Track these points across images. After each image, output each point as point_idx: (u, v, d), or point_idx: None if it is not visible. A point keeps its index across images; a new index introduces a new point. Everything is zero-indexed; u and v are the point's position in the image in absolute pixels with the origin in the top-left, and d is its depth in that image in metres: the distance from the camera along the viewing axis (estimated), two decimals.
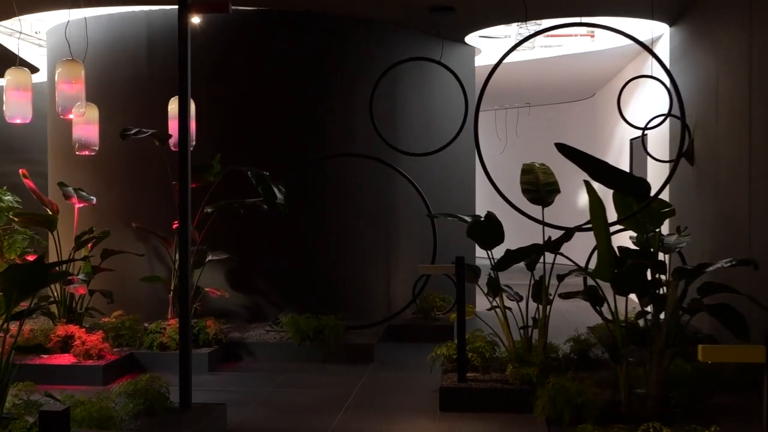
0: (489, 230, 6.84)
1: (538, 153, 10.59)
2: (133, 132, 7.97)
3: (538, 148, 13.87)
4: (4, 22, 11.43)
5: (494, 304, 7.00)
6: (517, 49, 13.53)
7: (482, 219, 6.92)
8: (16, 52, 8.88)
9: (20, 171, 8.24)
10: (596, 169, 5.39)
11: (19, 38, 12.19)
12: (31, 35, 12.30)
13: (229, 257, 9.03)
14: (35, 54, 12.88)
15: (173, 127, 8.27)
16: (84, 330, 7.83)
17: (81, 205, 8.57)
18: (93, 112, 8.47)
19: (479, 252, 9.28)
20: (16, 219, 8.28)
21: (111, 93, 9.65)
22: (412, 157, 9.45)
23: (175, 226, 8.20)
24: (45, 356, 7.67)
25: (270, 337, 8.70)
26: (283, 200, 7.95)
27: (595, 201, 5.34)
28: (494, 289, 6.89)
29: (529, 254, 6.42)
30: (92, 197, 8.68)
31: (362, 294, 9.93)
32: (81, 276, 8.19)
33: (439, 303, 10.06)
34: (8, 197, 11.30)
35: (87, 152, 8.44)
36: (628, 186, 5.49)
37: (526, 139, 18.91)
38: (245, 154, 9.32)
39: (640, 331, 5.96)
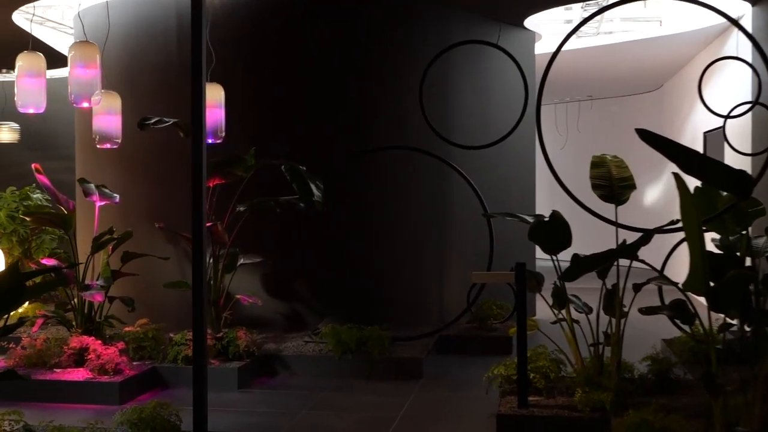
0: (554, 232, 5.91)
1: (600, 149, 9.57)
2: (153, 121, 7.17)
3: (601, 144, 12.84)
4: (37, 12, 10.80)
5: (560, 316, 6.09)
6: (581, 35, 12.61)
7: (546, 219, 6.00)
8: (40, 38, 8.17)
9: (33, 166, 7.49)
10: (688, 160, 4.44)
11: (37, 25, 11.56)
12: (63, 24, 11.64)
13: (264, 261, 8.21)
14: (67, 44, 12.21)
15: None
16: (101, 342, 7.07)
17: (102, 203, 7.81)
18: (114, 102, 7.73)
19: (539, 253, 8.36)
20: (27, 218, 7.53)
21: (137, 81, 8.90)
22: (467, 151, 8.55)
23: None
24: (57, 371, 6.93)
25: (308, 349, 7.87)
26: (320, 197, 7.10)
27: (688, 199, 4.40)
28: (560, 300, 5.97)
29: (604, 261, 5.48)
30: (115, 195, 7.91)
31: (410, 302, 9.05)
32: (99, 282, 7.44)
33: (495, 311, 9.13)
34: (37, 195, 10.66)
35: (109, 145, 7.72)
36: (728, 180, 4.52)
37: (588, 134, 17.88)
38: (282, 147, 8.52)
39: (734, 352, 5.02)
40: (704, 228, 5.87)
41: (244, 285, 8.34)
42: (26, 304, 9.58)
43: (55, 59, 10.89)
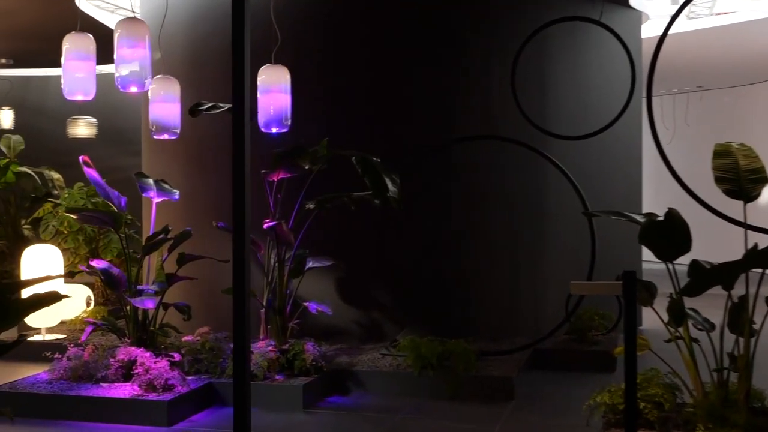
0: (671, 234, 4.91)
1: (711, 144, 8.51)
2: (206, 107, 6.39)
3: (713, 139, 11.69)
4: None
5: (676, 334, 5.10)
6: (691, 15, 11.47)
7: (661, 219, 5.01)
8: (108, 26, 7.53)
9: (81, 158, 6.81)
10: None
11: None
12: (132, 11, 11.04)
13: (335, 264, 7.37)
14: None
15: (263, 102, 6.69)
16: (151, 353, 6.34)
17: (160, 199, 7.10)
18: (173, 88, 7.03)
19: (646, 253, 7.33)
20: (73, 216, 6.84)
21: (199, 66, 8.18)
22: (564, 141, 7.57)
23: (266, 226, 6.61)
24: (104, 385, 6.23)
25: (385, 363, 7.02)
26: (396, 193, 6.23)
27: None
28: (677, 316, 4.97)
29: (735, 272, 4.47)
30: (175, 191, 7.19)
31: (500, 311, 8.10)
32: (153, 287, 6.72)
33: (597, 321, 8.12)
34: None
35: (167, 136, 7.03)
36: None
37: (697, 128, 16.63)
38: (356, 138, 7.69)
39: None
40: None
41: (313, 291, 7.53)
42: (89, 307, 8.99)
43: None
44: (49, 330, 8.50)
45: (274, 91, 6.67)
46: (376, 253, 7.68)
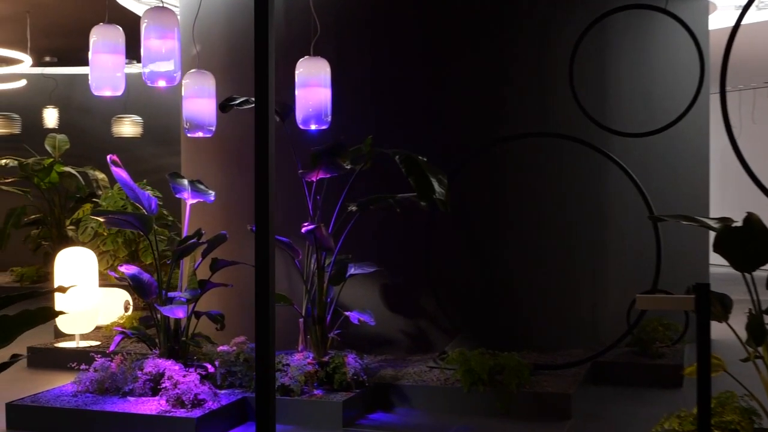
0: (751, 242, 4.37)
1: None
2: (238, 102, 5.95)
3: None
4: None
5: (755, 354, 4.56)
6: (761, 6, 10.82)
7: (738, 225, 4.46)
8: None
9: (109, 157, 6.43)
10: None
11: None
12: (160, 1, 10.71)
13: (379, 270, 6.90)
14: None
15: (301, 97, 6.26)
16: (181, 365, 5.95)
17: (194, 201, 6.70)
18: (208, 83, 6.63)
19: (714, 257, 6.76)
20: (99, 219, 6.45)
21: (238, 61, 7.76)
22: (625, 139, 7.02)
23: (304, 229, 6.16)
24: (131, 399, 5.85)
25: (432, 377, 6.54)
26: (443, 195, 5.74)
27: None
28: (758, 335, 4.43)
29: None
30: (210, 192, 6.78)
31: (556, 321, 7.55)
32: (184, 294, 6.32)
33: (662, 332, 7.54)
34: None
35: (201, 134, 6.65)
36: None
37: (765, 126, 15.90)
38: (401, 136, 7.23)
39: None
40: None
41: (355, 299, 7.08)
42: (128, 312, 8.65)
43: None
44: (84, 336, 8.17)
45: (313, 85, 6.24)
46: (422, 259, 7.18)
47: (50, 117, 13.92)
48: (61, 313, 3.32)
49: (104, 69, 5.95)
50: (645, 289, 6.83)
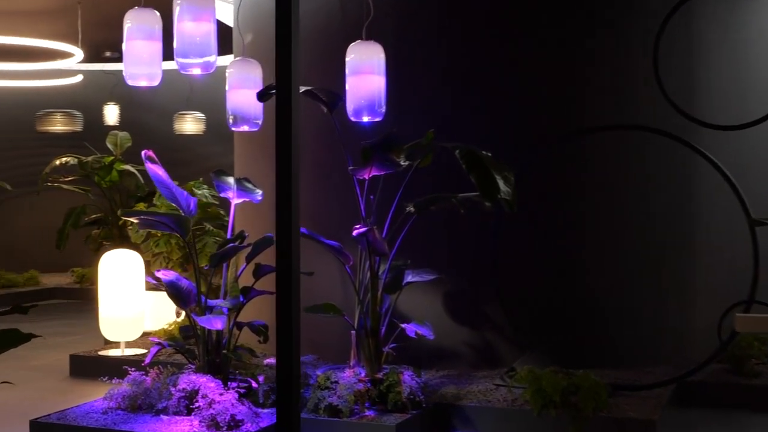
0: None
1: None
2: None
3: None
4: None
5: None
6: None
7: None
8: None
9: (144, 153, 5.90)
10: None
11: None
12: None
13: (440, 277, 6.24)
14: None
15: (352, 86, 5.66)
16: (219, 381, 5.40)
17: (239, 200, 6.14)
18: (253, 72, 6.11)
19: None
20: (133, 221, 5.92)
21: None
22: (717, 133, 6.24)
23: (355, 232, 5.55)
24: (164, 417, 5.32)
25: (498, 396, 5.88)
26: (509, 194, 5.07)
27: None
28: None
29: None
30: (257, 190, 6.21)
31: (638, 336, 6.79)
32: (225, 303, 5.77)
33: (757, 347, 6.74)
34: (202, 191, 9.28)
35: (246, 127, 6.18)
36: None
37: None
38: (466, 129, 6.58)
39: None
40: None
41: (413, 309, 6.45)
42: (179, 318, 8.16)
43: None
44: (130, 344, 7.70)
45: (365, 72, 5.65)
46: (488, 265, 6.50)
47: (111, 114, 13.59)
48: (32, 336, 2.74)
49: (139, 57, 5.49)
50: (738, 300, 6.06)
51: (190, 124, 13.24)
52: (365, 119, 5.67)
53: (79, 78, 13.43)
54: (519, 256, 6.64)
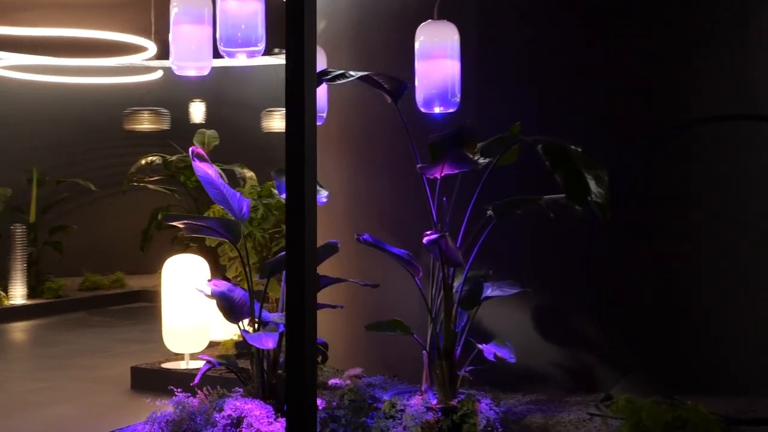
0: None
1: None
2: (331, 76, 4.65)
3: None
4: None
5: None
6: None
7: None
8: None
9: (191, 149, 5.33)
10: None
11: None
12: None
13: (525, 291, 5.46)
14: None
15: (422, 72, 4.97)
16: (271, 407, 4.78)
17: None
18: (317, 58, 5.44)
19: None
20: (179, 225, 5.33)
21: (362, 34, 6.56)
22: None
23: (426, 239, 4.84)
24: None
25: (591, 428, 5.10)
26: (602, 195, 4.28)
27: None
28: None
29: None
30: (322, 191, 5.58)
31: (759, 357, 5.89)
32: (280, 318, 5.15)
33: None
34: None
35: None
36: None
37: None
38: (555, 121, 5.81)
39: None
40: None
41: (493, 327, 5.71)
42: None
43: None
44: (195, 356, 7.17)
45: (437, 56, 4.95)
46: (581, 275, 5.70)
47: (197, 111, 13.21)
48: None
49: (186, 43, 4.93)
50: None
51: (279, 121, 12.75)
52: (437, 110, 4.97)
53: (159, 74, 13.05)
54: (617, 265, 5.80)
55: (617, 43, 5.92)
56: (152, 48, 11.32)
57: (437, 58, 4.90)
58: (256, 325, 5.15)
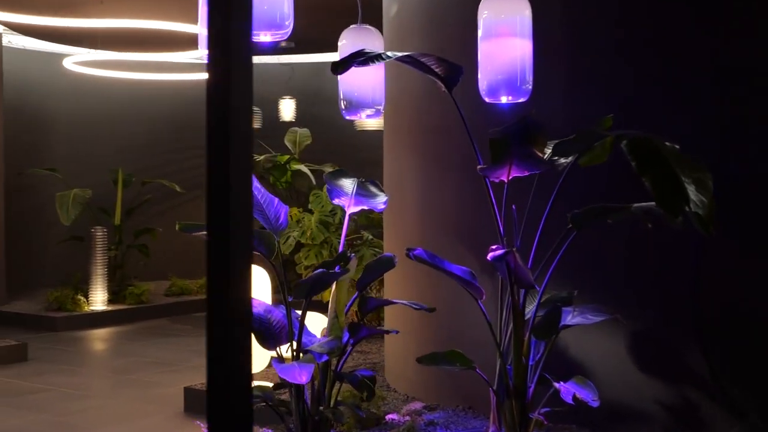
0: None
1: None
2: (361, 59, 3.85)
3: None
4: None
5: None
6: None
7: None
8: None
9: None
10: None
11: None
12: None
13: (614, 317, 4.56)
14: None
15: (486, 54, 4.15)
16: None
17: (356, 209, 4.78)
18: (370, 43, 4.77)
19: None
20: (202, 234, 4.65)
21: (435, 20, 5.78)
22: None
23: (491, 255, 4.01)
24: None
25: None
26: (705, 204, 3.37)
27: None
28: None
29: None
30: (380, 196, 4.83)
31: None
32: (319, 346, 4.41)
33: None
34: None
35: (363, 115, 4.89)
36: None
37: None
38: (654, 114, 4.90)
39: None
40: None
41: (575, 356, 4.84)
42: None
43: None
44: (256, 376, 6.53)
45: (504, 34, 4.12)
46: (685, 297, 4.77)
47: (286, 109, 12.62)
48: None
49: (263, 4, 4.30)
50: None
51: (372, 119, 12.03)
52: (503, 100, 4.14)
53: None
54: (729, 285, 4.85)
55: (735, 24, 4.96)
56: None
57: (504, 36, 4.07)
58: (294, 353, 4.43)
